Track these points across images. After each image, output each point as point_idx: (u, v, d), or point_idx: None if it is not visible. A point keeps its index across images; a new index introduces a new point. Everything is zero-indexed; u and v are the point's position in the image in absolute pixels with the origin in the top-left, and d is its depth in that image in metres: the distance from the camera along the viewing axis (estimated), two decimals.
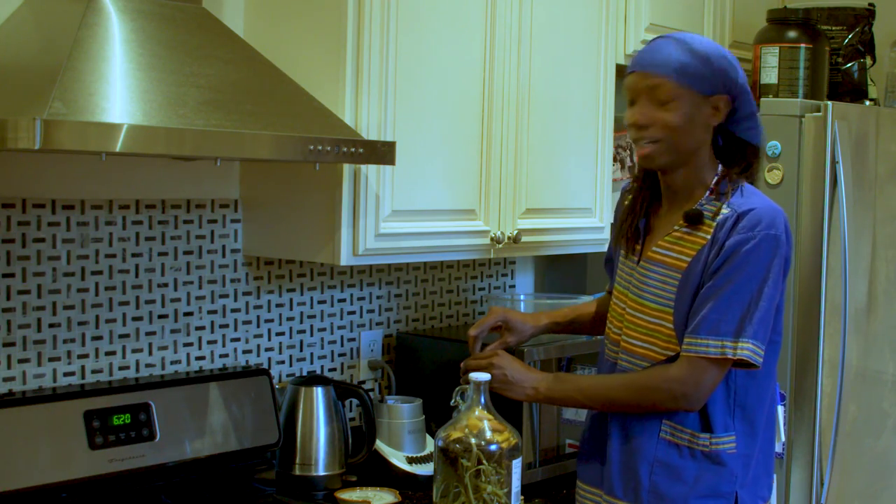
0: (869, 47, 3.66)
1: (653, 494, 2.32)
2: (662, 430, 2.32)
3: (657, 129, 2.27)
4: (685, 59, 2.25)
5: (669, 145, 2.28)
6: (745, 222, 2.24)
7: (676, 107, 2.26)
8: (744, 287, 2.23)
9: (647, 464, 2.32)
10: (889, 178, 3.45)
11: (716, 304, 2.23)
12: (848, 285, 3.20)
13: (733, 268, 2.23)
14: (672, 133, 2.27)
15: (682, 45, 2.27)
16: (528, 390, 2.40)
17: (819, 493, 3.21)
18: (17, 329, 2.50)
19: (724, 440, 2.31)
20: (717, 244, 2.26)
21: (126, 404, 2.53)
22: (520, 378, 2.40)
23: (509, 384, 2.40)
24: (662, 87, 2.26)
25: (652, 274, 2.35)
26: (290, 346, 3.01)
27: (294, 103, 2.47)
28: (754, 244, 2.23)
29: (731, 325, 2.22)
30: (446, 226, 2.85)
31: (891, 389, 3.53)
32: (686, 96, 2.26)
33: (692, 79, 2.25)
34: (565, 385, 2.41)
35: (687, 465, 2.30)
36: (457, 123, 2.84)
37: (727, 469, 2.31)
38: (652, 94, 2.27)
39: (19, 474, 2.34)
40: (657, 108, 2.27)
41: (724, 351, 2.22)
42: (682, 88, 2.25)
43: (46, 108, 1.97)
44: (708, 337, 2.22)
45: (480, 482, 2.29)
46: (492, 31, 2.90)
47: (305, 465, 2.74)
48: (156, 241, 2.72)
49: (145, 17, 2.36)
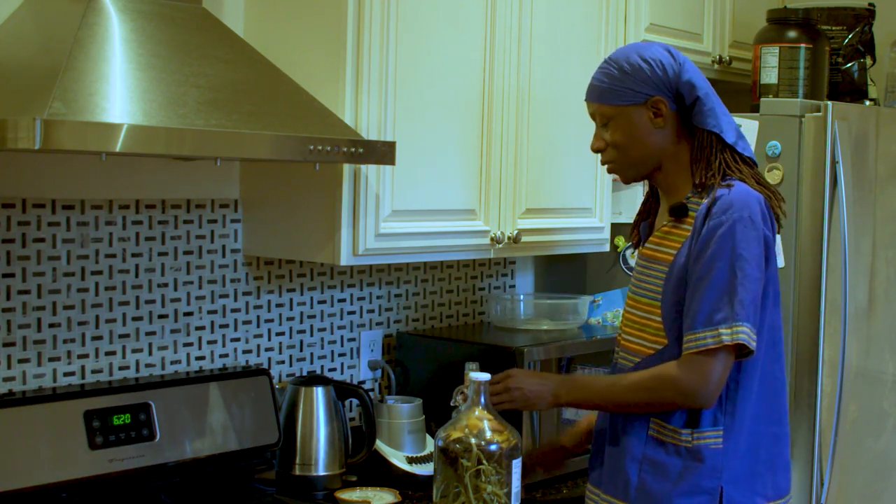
0: (869, 47, 3.66)
1: (640, 492, 2.33)
2: (651, 428, 2.33)
3: (608, 153, 2.37)
4: (602, 78, 2.34)
5: (624, 161, 2.36)
6: (717, 208, 2.25)
7: (614, 126, 2.34)
8: (725, 272, 2.22)
9: (636, 462, 2.34)
10: (889, 178, 3.45)
11: (704, 295, 2.23)
12: (848, 285, 3.20)
13: (711, 255, 2.23)
14: (620, 151, 2.35)
15: (603, 66, 2.36)
16: (549, 398, 2.41)
17: (819, 493, 3.21)
18: (17, 329, 2.50)
19: (709, 435, 2.30)
20: (696, 234, 2.28)
21: (126, 404, 2.53)
22: (538, 390, 2.41)
23: (531, 401, 2.42)
24: (598, 113, 2.36)
25: (646, 271, 2.38)
26: (290, 346, 3.01)
27: (294, 103, 2.47)
28: (728, 227, 2.23)
29: (722, 313, 2.22)
30: (446, 226, 2.85)
31: (891, 389, 3.53)
32: (618, 113, 2.33)
33: (612, 95, 2.32)
34: (581, 391, 2.42)
35: (672, 461, 2.31)
36: (457, 123, 2.84)
37: (707, 465, 2.30)
38: (596, 121, 2.38)
39: (19, 474, 2.34)
40: (603, 131, 2.37)
41: (721, 338, 2.22)
42: (611, 107, 2.33)
43: (46, 108, 1.97)
44: (704, 329, 2.23)
45: (480, 482, 2.29)
46: (492, 31, 2.90)
47: (305, 465, 2.74)
48: (156, 241, 2.72)
49: (145, 17, 2.36)
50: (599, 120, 2.36)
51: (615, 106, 2.32)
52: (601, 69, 2.36)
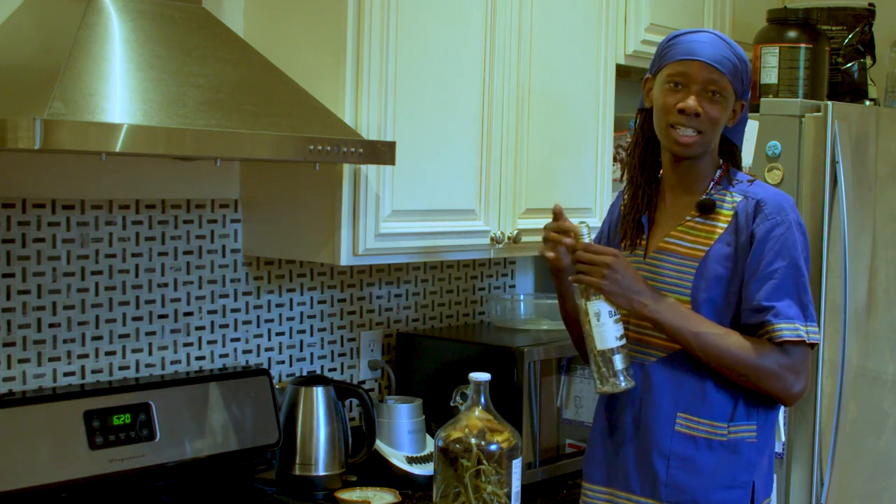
0: (869, 47, 3.66)
1: (671, 488, 2.32)
2: (678, 424, 2.32)
3: (703, 122, 2.31)
4: (736, 61, 2.32)
5: (707, 138, 2.34)
6: (770, 208, 2.30)
7: (723, 105, 2.32)
8: (790, 271, 2.28)
9: (664, 457, 2.32)
10: (889, 178, 3.45)
11: (774, 292, 2.26)
12: (848, 285, 3.20)
13: (775, 254, 2.28)
14: (713, 128, 2.33)
15: (729, 45, 2.34)
16: (639, 300, 2.29)
17: (819, 493, 3.21)
18: (17, 329, 2.50)
19: (745, 429, 2.32)
20: (744, 232, 2.30)
21: (126, 404, 2.53)
22: (634, 287, 2.29)
23: (621, 292, 2.28)
24: (719, 83, 2.31)
25: (665, 264, 2.36)
26: (290, 346, 3.01)
27: (294, 103, 2.47)
28: (787, 227, 2.29)
29: (797, 310, 2.27)
30: (446, 226, 2.85)
31: (891, 389, 3.53)
32: (730, 96, 2.33)
33: (737, 81, 2.33)
34: (681, 320, 2.29)
35: (704, 456, 2.31)
36: (457, 123, 2.84)
37: (744, 458, 2.31)
38: (706, 87, 2.30)
39: (19, 474, 2.34)
40: (707, 100, 2.31)
41: (798, 332, 2.26)
42: (730, 88, 2.33)
43: (46, 108, 1.97)
44: (794, 321, 2.26)
45: (480, 482, 2.29)
46: (492, 31, 2.90)
47: (305, 465, 2.74)
48: (156, 241, 2.72)
49: (145, 17, 2.36)
50: (710, 88, 2.30)
51: (733, 90, 2.33)
52: (730, 49, 2.32)
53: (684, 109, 2.30)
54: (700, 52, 2.30)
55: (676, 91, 2.32)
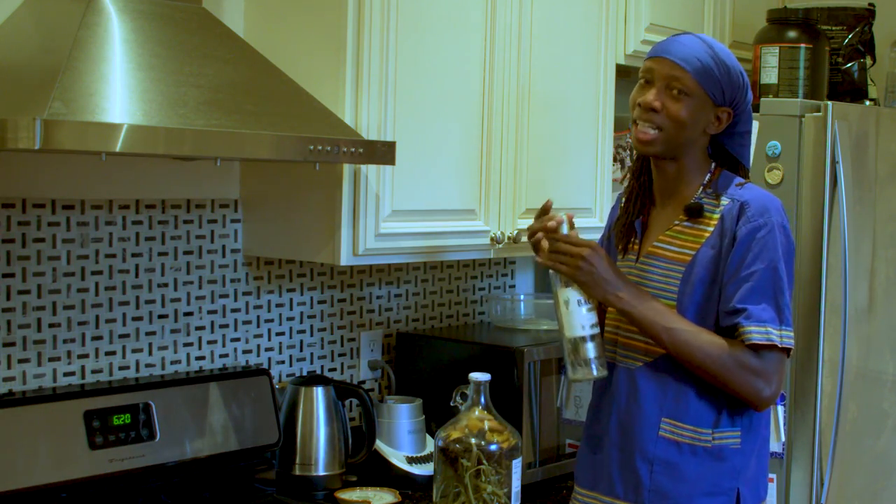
0: (869, 47, 3.66)
1: (654, 493, 2.31)
2: (662, 429, 2.32)
3: (664, 118, 2.29)
4: (709, 62, 2.28)
5: (668, 136, 2.30)
6: (753, 210, 2.28)
7: (688, 103, 2.29)
8: (769, 273, 2.25)
9: (647, 462, 2.32)
10: (889, 178, 3.45)
11: (750, 295, 2.24)
12: (848, 285, 3.19)
13: (755, 256, 2.25)
14: (676, 127, 2.29)
15: (709, 48, 2.30)
16: (613, 293, 2.28)
17: (819, 493, 3.21)
18: (17, 329, 2.50)
19: (728, 435, 2.30)
20: (728, 234, 2.28)
21: (126, 404, 2.53)
22: (608, 279, 2.29)
23: (594, 282, 2.28)
24: (682, 80, 2.28)
25: (653, 269, 2.35)
26: (290, 346, 3.01)
27: (294, 103, 2.47)
28: (768, 230, 2.26)
29: (771, 314, 2.25)
30: (446, 226, 2.85)
31: (891, 389, 3.53)
32: (699, 97, 2.29)
33: (710, 83, 2.28)
34: (654, 315, 2.28)
35: (688, 462, 2.30)
36: (457, 123, 2.84)
37: (728, 464, 2.30)
38: (669, 83, 2.29)
39: (19, 474, 2.34)
40: (669, 97, 2.29)
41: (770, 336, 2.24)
42: (699, 88, 2.28)
43: (46, 108, 1.97)
44: (766, 324, 2.24)
45: (480, 482, 2.29)
46: (492, 31, 2.90)
47: (305, 465, 2.74)
48: (156, 241, 2.72)
49: (145, 17, 2.36)
50: (674, 85, 2.28)
51: (704, 91, 2.28)
52: (707, 51, 2.29)
53: (642, 104, 2.31)
54: (669, 51, 2.30)
55: (643, 88, 2.32)
